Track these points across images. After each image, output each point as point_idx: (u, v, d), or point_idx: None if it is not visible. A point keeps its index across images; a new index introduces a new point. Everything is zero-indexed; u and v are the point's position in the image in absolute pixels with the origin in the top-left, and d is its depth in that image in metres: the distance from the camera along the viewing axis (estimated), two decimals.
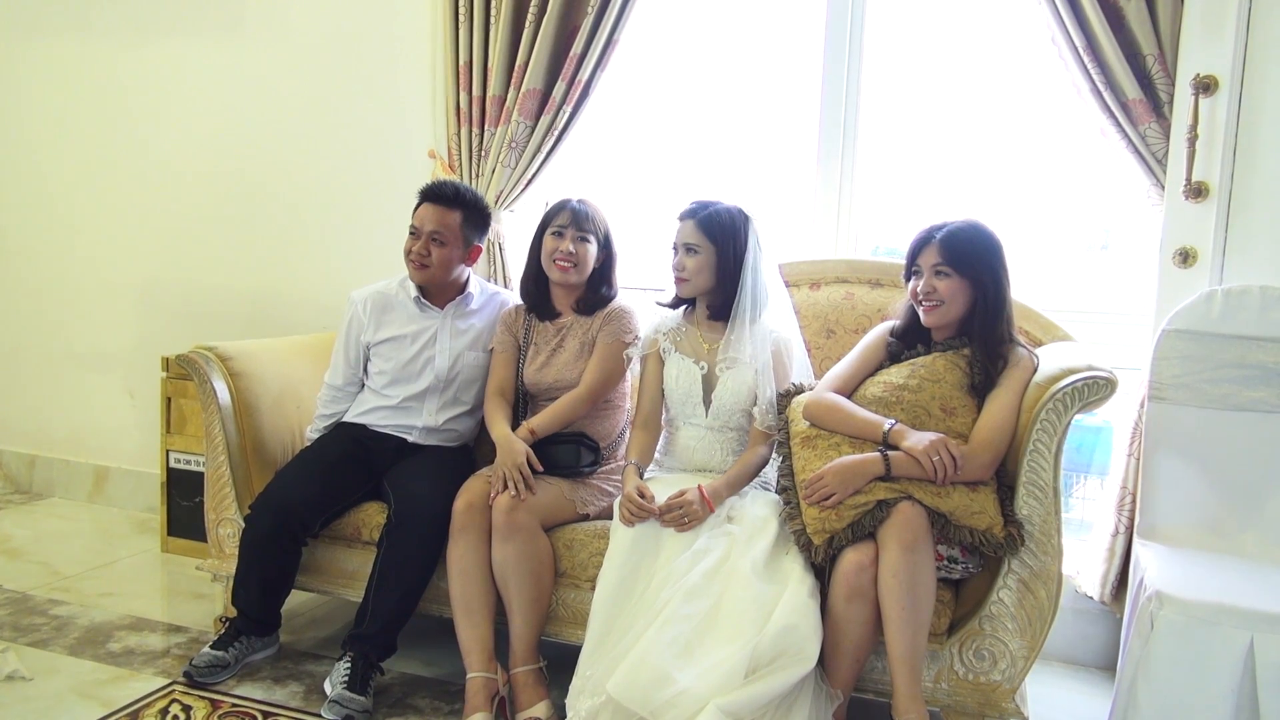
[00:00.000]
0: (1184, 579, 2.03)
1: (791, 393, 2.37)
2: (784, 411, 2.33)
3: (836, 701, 2.05)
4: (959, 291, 2.19)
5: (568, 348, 2.57)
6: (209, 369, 2.67)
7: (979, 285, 2.18)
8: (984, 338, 2.18)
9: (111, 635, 2.71)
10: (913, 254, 2.26)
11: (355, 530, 2.53)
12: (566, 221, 2.55)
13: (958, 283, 2.18)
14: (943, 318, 2.21)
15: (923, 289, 2.21)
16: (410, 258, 2.64)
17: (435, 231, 2.62)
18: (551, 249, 2.56)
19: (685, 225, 2.41)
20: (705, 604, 2.05)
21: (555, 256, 2.55)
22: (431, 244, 2.62)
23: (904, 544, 1.98)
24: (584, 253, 2.55)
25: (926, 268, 2.21)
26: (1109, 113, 2.53)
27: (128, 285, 3.88)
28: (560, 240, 2.55)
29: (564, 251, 2.54)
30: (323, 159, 3.53)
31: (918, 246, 2.25)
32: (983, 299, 2.18)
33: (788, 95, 3.17)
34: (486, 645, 2.29)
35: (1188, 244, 2.46)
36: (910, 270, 2.27)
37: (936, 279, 2.20)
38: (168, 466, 3.40)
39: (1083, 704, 2.55)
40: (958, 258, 2.18)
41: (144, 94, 3.76)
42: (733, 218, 2.39)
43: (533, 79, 3.02)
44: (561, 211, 2.58)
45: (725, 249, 2.38)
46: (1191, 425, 2.33)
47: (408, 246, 2.65)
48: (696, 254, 2.38)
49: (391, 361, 2.67)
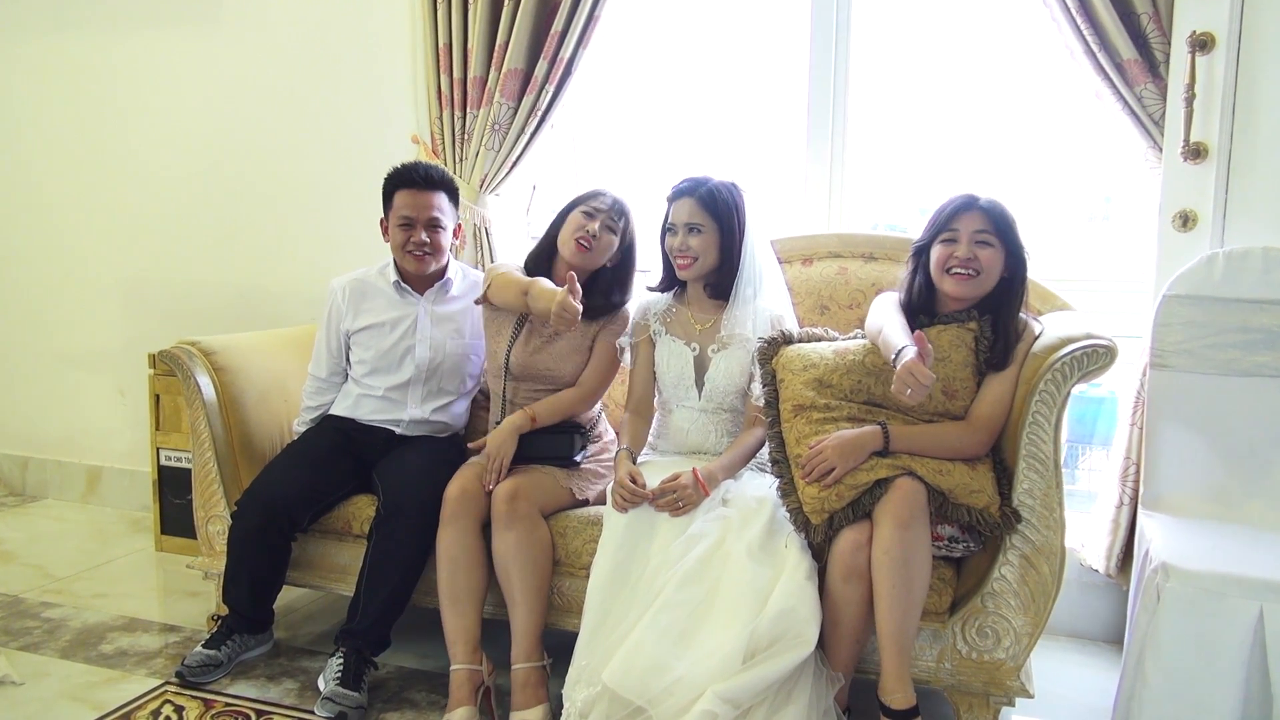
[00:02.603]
0: (1190, 549, 1.98)
1: (778, 341, 2.24)
2: (770, 361, 2.21)
3: (838, 684, 2.00)
4: (996, 264, 2.11)
5: (565, 338, 2.47)
6: (192, 364, 2.62)
7: (1013, 258, 2.13)
8: (1007, 315, 2.12)
9: (104, 637, 2.67)
10: (948, 217, 2.14)
11: (345, 524, 2.49)
12: (603, 206, 2.44)
13: (998, 254, 2.11)
14: (976, 289, 2.12)
15: (962, 255, 2.11)
16: (409, 250, 2.55)
17: (433, 218, 2.54)
18: (578, 225, 2.42)
19: (683, 204, 2.31)
20: (701, 589, 2.00)
21: (579, 235, 2.41)
22: (430, 230, 2.54)
23: (899, 520, 1.93)
24: (606, 243, 2.43)
25: (967, 233, 2.11)
26: (1103, 74, 2.47)
27: (114, 283, 3.84)
28: (590, 220, 2.42)
29: (589, 232, 2.40)
30: (304, 149, 3.48)
31: (955, 210, 2.14)
32: (1016, 274, 2.13)
33: (775, 67, 3.11)
34: (472, 636, 2.24)
35: (1187, 207, 2.40)
36: (938, 235, 2.15)
37: (978, 247, 2.11)
38: (159, 464, 3.36)
39: (1090, 678, 2.51)
40: (1004, 227, 2.11)
41: (123, 89, 3.70)
42: (730, 192, 2.32)
43: (514, 59, 2.96)
44: (599, 195, 2.46)
45: (728, 225, 2.30)
46: (1195, 392, 2.27)
47: (401, 239, 2.55)
48: (700, 233, 2.30)
49: (371, 350, 2.61)
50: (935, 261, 2.16)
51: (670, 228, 2.34)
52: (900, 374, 1.92)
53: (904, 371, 1.92)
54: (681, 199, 2.32)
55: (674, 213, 2.33)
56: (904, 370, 1.92)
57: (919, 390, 1.91)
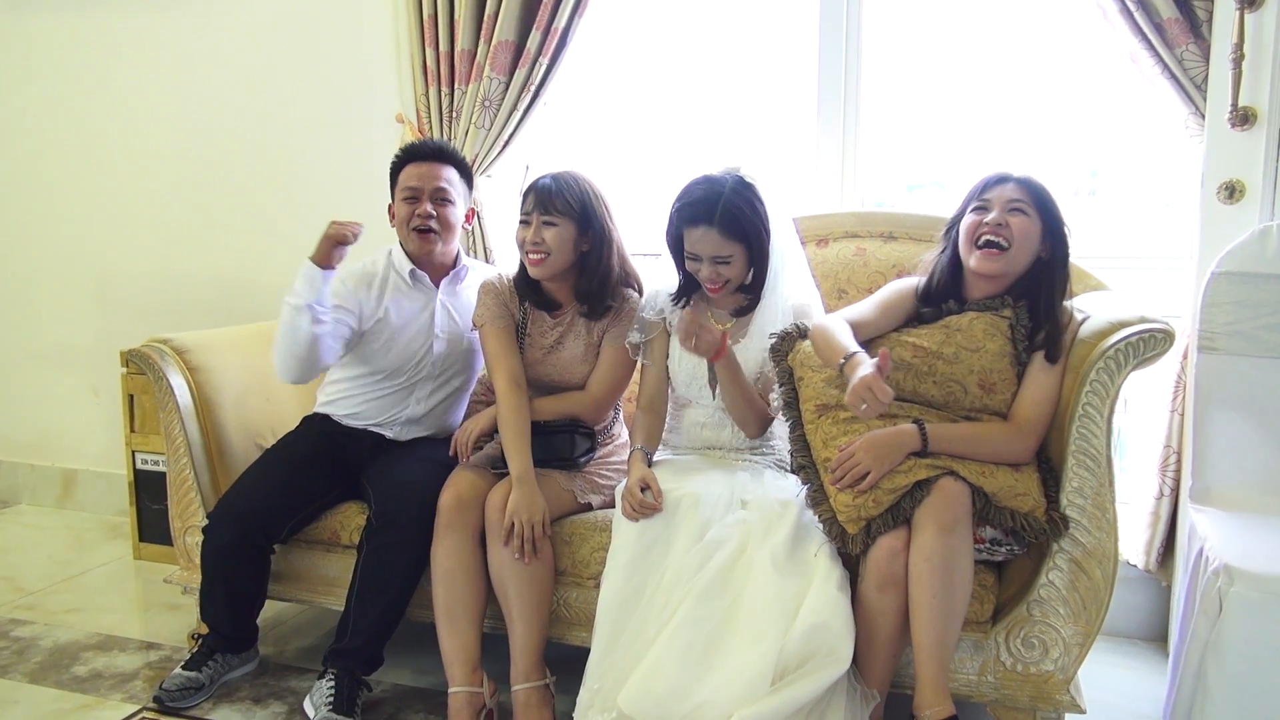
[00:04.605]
0: (1253, 549, 1.82)
1: (793, 335, 2.05)
2: (786, 358, 2.04)
3: (873, 702, 1.84)
4: (1029, 238, 1.94)
5: (569, 347, 2.27)
6: (164, 364, 2.43)
7: (1052, 237, 1.95)
8: (1048, 301, 1.94)
9: (78, 657, 2.50)
10: (981, 189, 1.99)
11: (333, 533, 2.31)
12: (530, 206, 2.19)
13: (1032, 226, 1.94)
14: (1004, 266, 1.95)
15: (992, 220, 1.94)
16: (412, 226, 2.31)
17: (439, 189, 2.30)
18: (520, 239, 2.20)
19: (704, 234, 2.03)
20: (722, 604, 1.84)
21: (526, 248, 2.19)
22: (437, 204, 2.31)
23: (941, 525, 1.76)
24: (554, 237, 2.16)
25: (1000, 203, 1.95)
26: (1141, 35, 2.29)
27: (85, 275, 3.64)
28: (526, 229, 2.19)
29: (530, 242, 2.17)
30: (283, 132, 3.28)
31: (989, 183, 1.99)
32: (1056, 255, 1.96)
33: (782, 33, 2.92)
34: (471, 655, 2.07)
35: (1234, 177, 2.23)
36: (970, 207, 2.00)
37: (1011, 215, 1.94)
38: (135, 468, 3.17)
39: (1134, 682, 2.35)
40: (1039, 198, 1.95)
41: (91, 70, 3.49)
42: (750, 205, 2.05)
43: (504, 30, 2.77)
44: (527, 195, 2.21)
45: (756, 242, 2.06)
46: (1247, 377, 2.11)
47: (405, 214, 2.32)
48: (729, 263, 2.07)
49: (379, 344, 2.36)
50: (964, 235, 2.00)
51: (693, 255, 2.10)
52: (857, 389, 1.73)
53: (861, 387, 1.73)
54: (699, 228, 2.04)
55: (695, 242, 2.07)
56: (861, 385, 1.73)
57: (874, 407, 1.72)
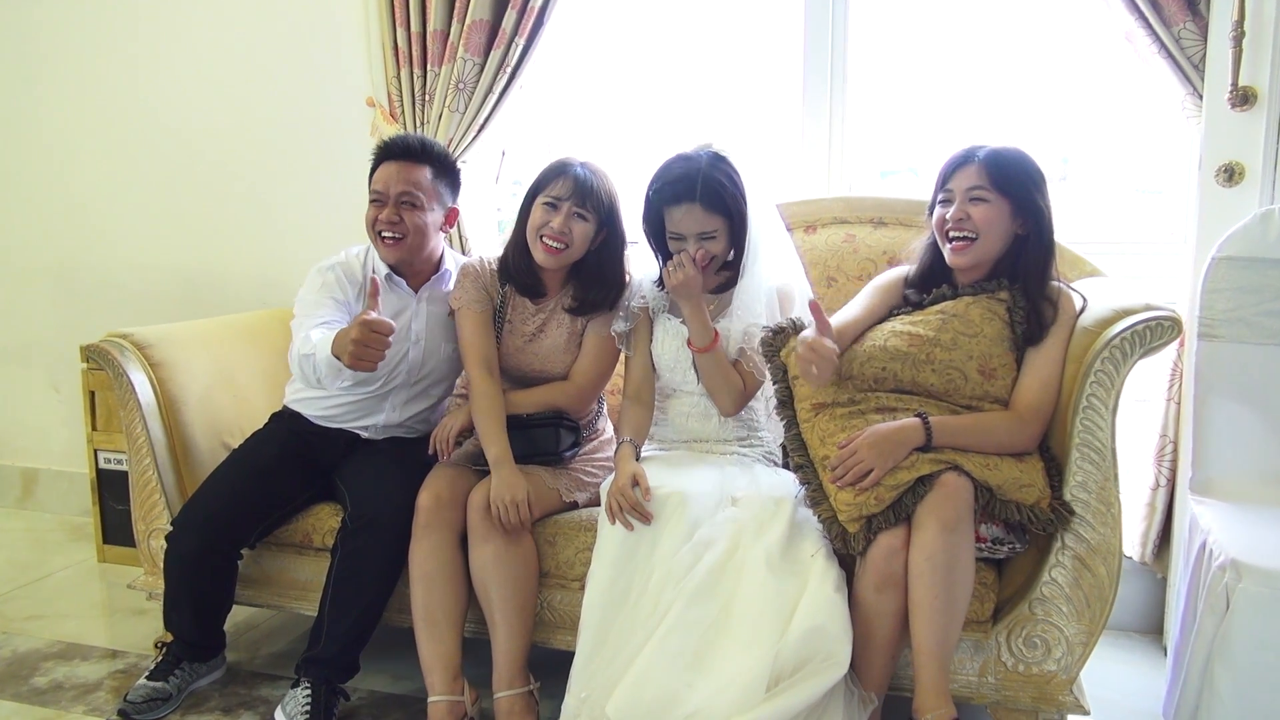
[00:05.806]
0: (1260, 543, 1.76)
1: (786, 330, 1.96)
2: (778, 355, 1.95)
3: (871, 706, 1.78)
4: (997, 222, 1.86)
5: (551, 335, 2.19)
6: (124, 360, 2.32)
7: (1025, 213, 1.87)
8: (1032, 280, 1.88)
9: (37, 667, 2.38)
10: (944, 177, 1.92)
11: (305, 536, 2.21)
12: (565, 192, 2.07)
13: (997, 210, 1.86)
14: (976, 256, 1.89)
15: (954, 215, 1.87)
16: (376, 229, 2.19)
17: (405, 193, 2.16)
18: (540, 223, 2.08)
19: (687, 211, 1.99)
20: (714, 606, 1.76)
21: (543, 233, 2.07)
22: (402, 209, 2.18)
23: (944, 522, 1.69)
24: (580, 234, 2.08)
25: (960, 192, 1.88)
26: (1137, 12, 2.23)
27: (43, 267, 3.51)
28: (553, 213, 2.07)
29: (554, 229, 2.06)
30: (249, 117, 3.16)
31: (951, 169, 1.92)
32: (1034, 230, 1.87)
33: (766, 12, 2.83)
34: (451, 663, 1.99)
35: (1233, 159, 2.17)
36: (937, 199, 1.94)
37: (971, 205, 1.87)
38: (97, 467, 3.05)
39: (1133, 677, 2.30)
40: (1002, 178, 1.85)
41: (42, 51, 3.35)
42: (729, 177, 2.00)
43: (478, 9, 2.67)
44: (560, 177, 2.08)
45: (738, 215, 2.02)
46: (1249, 364, 2.05)
47: (371, 217, 2.19)
48: (715, 238, 2.01)
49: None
50: (935, 228, 1.95)
51: (676, 235, 2.03)
52: (801, 354, 1.76)
53: (805, 349, 1.74)
54: (681, 205, 1.99)
55: (678, 221, 2.00)
56: (805, 349, 1.75)
57: (824, 367, 1.75)
